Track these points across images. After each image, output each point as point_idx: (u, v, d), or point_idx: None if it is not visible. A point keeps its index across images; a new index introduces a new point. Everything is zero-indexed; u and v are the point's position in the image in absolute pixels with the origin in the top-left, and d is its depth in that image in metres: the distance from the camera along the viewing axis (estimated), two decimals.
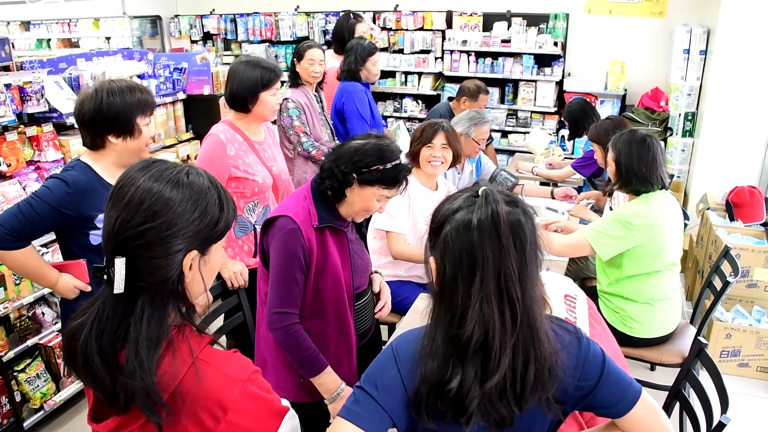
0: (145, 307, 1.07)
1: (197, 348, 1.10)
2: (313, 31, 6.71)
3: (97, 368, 1.05)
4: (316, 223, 1.95)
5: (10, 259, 2.04)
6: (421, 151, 3.00)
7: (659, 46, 5.57)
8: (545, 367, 1.17)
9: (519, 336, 1.16)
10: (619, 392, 1.25)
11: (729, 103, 4.53)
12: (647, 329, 2.68)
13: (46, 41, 8.05)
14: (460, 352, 1.16)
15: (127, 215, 1.06)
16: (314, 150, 3.63)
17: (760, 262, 3.57)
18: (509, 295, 1.14)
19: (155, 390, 1.03)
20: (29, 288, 2.93)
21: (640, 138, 2.62)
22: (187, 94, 4.03)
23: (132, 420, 1.08)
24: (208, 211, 1.12)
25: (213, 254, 1.17)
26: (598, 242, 2.62)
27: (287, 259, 1.93)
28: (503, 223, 1.14)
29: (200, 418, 1.07)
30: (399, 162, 1.96)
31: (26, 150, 2.98)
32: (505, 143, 6.18)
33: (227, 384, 1.09)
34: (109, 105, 1.99)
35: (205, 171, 1.18)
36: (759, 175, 4.59)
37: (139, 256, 1.06)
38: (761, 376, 3.46)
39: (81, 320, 1.10)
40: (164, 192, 1.08)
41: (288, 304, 1.95)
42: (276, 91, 2.63)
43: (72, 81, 3.29)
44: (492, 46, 5.90)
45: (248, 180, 2.62)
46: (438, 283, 1.21)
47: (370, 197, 1.96)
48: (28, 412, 2.95)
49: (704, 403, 1.93)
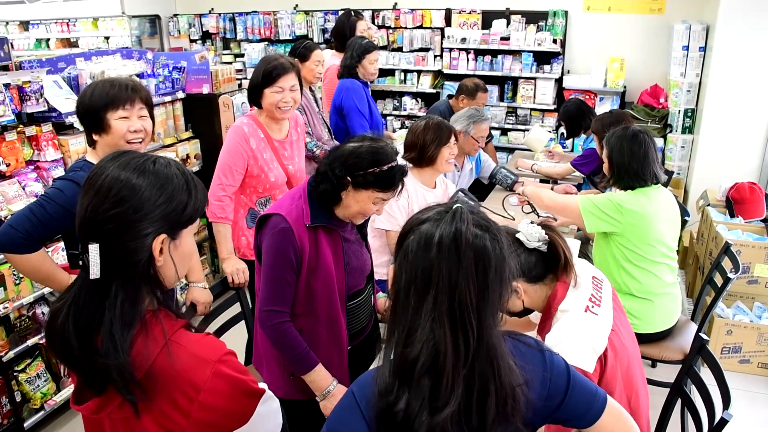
0: (119, 290, 1.12)
1: (170, 330, 1.14)
2: (312, 30, 6.70)
3: (75, 349, 1.11)
4: (309, 223, 1.94)
5: (24, 263, 2.01)
6: (441, 152, 2.98)
7: (658, 43, 5.56)
8: (507, 399, 1.09)
9: (475, 366, 1.08)
10: (586, 402, 1.23)
11: (728, 100, 4.52)
12: (647, 324, 2.69)
13: (45, 41, 8.04)
14: (407, 372, 1.08)
15: (97, 202, 1.13)
16: (318, 149, 3.63)
17: (761, 259, 3.57)
18: (462, 321, 1.07)
19: (129, 369, 1.07)
20: (29, 288, 2.92)
21: (631, 134, 2.63)
22: (186, 93, 4.02)
23: (109, 401, 1.12)
24: (175, 196, 1.17)
25: (184, 239, 1.22)
26: (587, 212, 2.63)
27: (278, 257, 1.93)
28: (465, 245, 1.07)
29: (174, 398, 1.10)
30: (394, 164, 1.93)
31: (25, 150, 2.97)
32: (505, 141, 6.18)
33: (198, 364, 1.12)
34: (81, 102, 2.03)
35: (174, 161, 1.23)
36: (759, 171, 4.59)
37: (110, 241, 1.12)
38: (762, 373, 3.46)
39: (60, 304, 1.15)
40: (131, 179, 1.13)
41: (278, 302, 1.96)
42: (282, 90, 2.65)
43: (71, 80, 3.28)
44: (491, 44, 5.90)
45: (260, 177, 2.71)
46: (393, 294, 1.15)
47: (366, 200, 1.94)
48: (29, 412, 2.95)
49: (706, 400, 1.93)
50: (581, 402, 1.23)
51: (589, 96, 5.66)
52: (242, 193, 2.78)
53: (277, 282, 1.94)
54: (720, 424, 1.69)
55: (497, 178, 4.04)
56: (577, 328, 1.67)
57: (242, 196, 2.79)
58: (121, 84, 2.04)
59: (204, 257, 4.29)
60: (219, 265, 4.41)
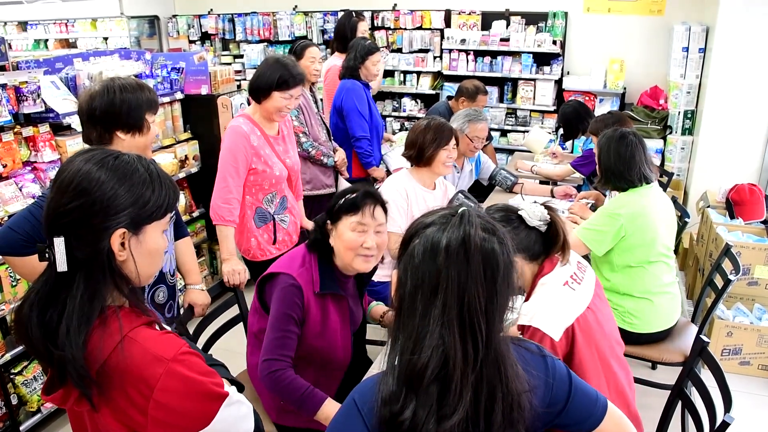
0: (80, 283, 1.12)
1: (128, 326, 1.13)
2: (312, 31, 6.69)
3: (37, 340, 1.12)
4: (318, 290, 2.02)
5: (23, 266, 1.99)
6: (438, 154, 2.95)
7: (658, 44, 5.56)
8: (514, 406, 1.08)
9: (483, 371, 1.06)
10: (587, 408, 1.23)
11: (728, 101, 4.52)
12: (647, 324, 2.68)
13: (44, 42, 8.03)
14: (415, 380, 1.05)
15: (59, 196, 1.14)
16: (313, 150, 3.62)
17: (761, 260, 3.56)
18: (472, 326, 1.05)
19: (82, 363, 1.08)
20: (26, 290, 2.91)
21: (619, 135, 2.65)
22: (185, 94, 4.01)
23: (71, 392, 1.13)
24: (134, 191, 1.16)
25: (148, 235, 1.20)
26: (590, 239, 2.67)
27: (285, 314, 1.99)
28: (474, 248, 1.06)
29: (129, 394, 1.10)
30: (363, 190, 2.06)
31: (22, 150, 2.95)
32: (505, 142, 6.17)
33: (151, 362, 1.11)
34: (122, 100, 2.01)
35: (141, 156, 1.23)
36: (758, 172, 4.58)
37: (71, 234, 1.12)
38: (763, 374, 3.45)
39: (27, 294, 1.17)
40: (91, 171, 1.14)
41: (278, 352, 1.98)
42: (290, 97, 2.70)
43: (68, 81, 3.27)
44: (491, 45, 5.89)
45: (266, 172, 2.75)
46: (397, 299, 1.12)
47: (345, 231, 2.01)
48: (25, 415, 2.93)
49: (707, 402, 1.91)
50: (582, 408, 1.22)
51: (589, 97, 5.65)
52: (248, 194, 2.78)
53: (282, 334, 1.99)
54: (722, 427, 1.68)
55: (497, 179, 4.03)
56: (551, 297, 1.73)
57: (248, 197, 2.79)
58: (151, 88, 2.14)
59: (202, 258, 4.27)
60: (218, 266, 4.40)
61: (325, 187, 3.77)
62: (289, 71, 2.66)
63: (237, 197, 2.70)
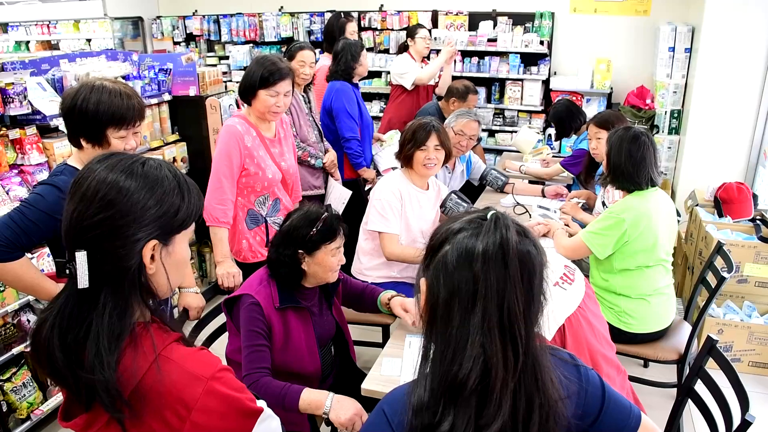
0: (108, 300, 1.06)
1: (160, 344, 1.08)
2: (298, 32, 6.66)
3: (60, 364, 1.05)
4: (278, 305, 2.08)
5: (6, 272, 1.93)
6: (415, 155, 2.96)
7: (644, 45, 5.61)
8: (550, 414, 1.04)
9: (522, 379, 1.03)
10: (621, 419, 1.19)
11: (714, 100, 4.56)
12: (642, 324, 2.69)
13: (25, 43, 7.90)
14: (454, 392, 1.01)
15: (83, 206, 1.06)
16: (300, 151, 3.60)
17: (750, 258, 3.59)
18: (512, 332, 1.01)
19: (115, 386, 1.02)
20: (14, 295, 2.85)
21: (631, 135, 2.64)
22: (172, 96, 3.96)
23: (97, 418, 1.07)
24: (165, 200, 1.10)
25: (177, 246, 1.16)
26: (593, 242, 2.67)
27: (252, 331, 2.03)
28: (512, 253, 1.02)
29: (164, 417, 1.05)
30: (326, 215, 2.11)
31: (9, 153, 2.90)
32: (493, 142, 6.18)
33: (190, 381, 1.06)
34: (81, 109, 1.89)
35: (166, 162, 1.16)
36: (745, 171, 4.62)
37: (97, 248, 1.05)
38: (753, 371, 3.48)
39: (45, 315, 1.09)
40: (119, 181, 1.07)
41: (253, 366, 2.02)
42: (277, 94, 2.66)
43: (55, 82, 3.22)
44: (478, 46, 5.90)
45: (258, 175, 2.73)
46: (428, 309, 1.08)
47: (325, 257, 2.09)
48: (15, 422, 2.88)
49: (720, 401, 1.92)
50: (616, 419, 1.18)
51: (576, 97, 5.68)
52: (239, 195, 2.75)
53: (254, 349, 2.03)
54: (743, 427, 1.68)
55: (488, 179, 4.03)
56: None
57: (240, 198, 2.76)
58: (129, 102, 1.95)
59: (191, 261, 4.23)
60: (207, 269, 4.36)
61: (313, 189, 3.74)
62: (269, 68, 2.62)
63: (231, 198, 2.68)
